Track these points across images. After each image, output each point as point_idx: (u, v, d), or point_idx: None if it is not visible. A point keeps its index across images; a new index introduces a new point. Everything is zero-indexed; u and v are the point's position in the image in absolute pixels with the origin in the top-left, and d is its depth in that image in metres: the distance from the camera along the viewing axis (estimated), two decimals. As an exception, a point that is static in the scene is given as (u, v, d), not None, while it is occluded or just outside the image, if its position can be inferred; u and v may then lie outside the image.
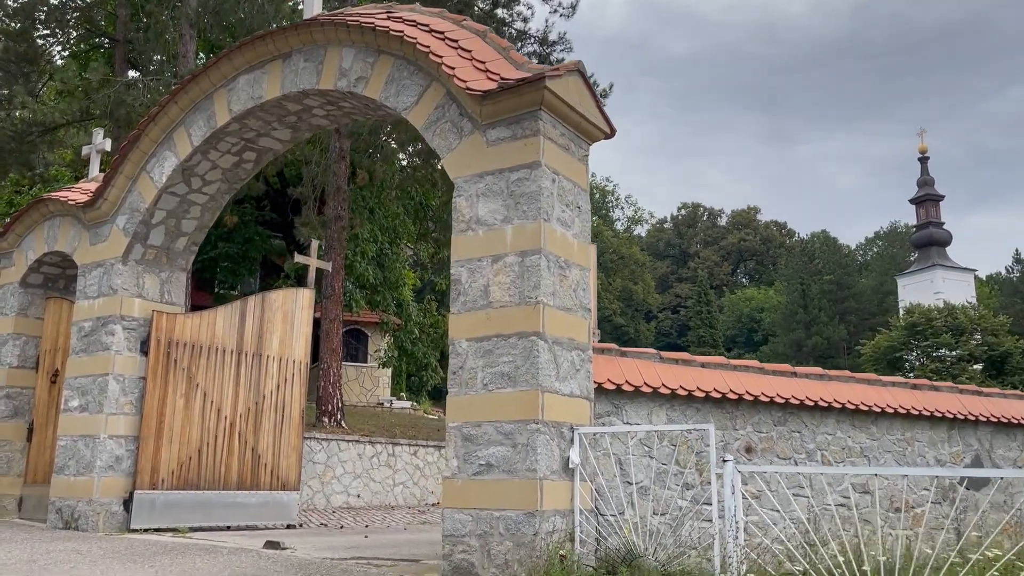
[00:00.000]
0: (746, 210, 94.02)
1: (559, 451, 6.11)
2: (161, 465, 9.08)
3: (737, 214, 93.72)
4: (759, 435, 7.58)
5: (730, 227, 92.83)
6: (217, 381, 9.73)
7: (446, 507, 6.20)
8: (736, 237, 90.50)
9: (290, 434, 10.49)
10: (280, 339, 10.52)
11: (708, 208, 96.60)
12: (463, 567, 5.97)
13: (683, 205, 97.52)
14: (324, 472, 14.00)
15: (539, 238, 6.20)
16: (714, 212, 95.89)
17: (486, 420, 6.13)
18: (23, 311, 10.39)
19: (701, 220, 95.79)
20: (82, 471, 8.75)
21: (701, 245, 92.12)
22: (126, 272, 9.16)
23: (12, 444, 10.10)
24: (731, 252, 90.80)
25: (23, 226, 10.41)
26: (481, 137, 6.61)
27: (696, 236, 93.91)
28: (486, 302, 6.35)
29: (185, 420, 9.35)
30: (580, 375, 6.49)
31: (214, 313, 9.89)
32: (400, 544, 8.80)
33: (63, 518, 8.77)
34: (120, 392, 8.90)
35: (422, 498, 15.81)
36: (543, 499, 5.83)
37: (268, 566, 6.29)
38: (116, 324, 8.98)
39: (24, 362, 10.31)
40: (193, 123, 8.75)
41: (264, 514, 10.06)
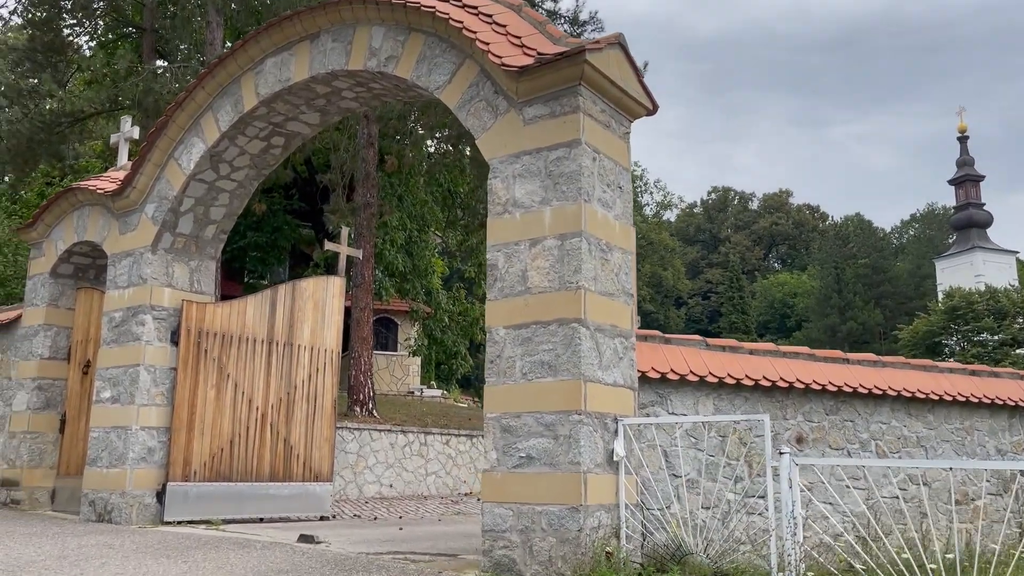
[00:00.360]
0: (778, 193, 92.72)
1: (603, 443, 5.83)
2: (193, 457, 8.95)
3: (769, 198, 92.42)
4: (810, 424, 7.24)
5: (762, 211, 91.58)
6: (248, 371, 9.57)
7: (485, 501, 5.96)
8: (768, 221, 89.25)
9: (322, 424, 10.32)
10: (311, 328, 10.34)
11: (739, 192, 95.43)
12: (504, 563, 5.73)
13: (713, 189, 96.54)
14: (356, 462, 13.86)
15: (579, 220, 5.91)
16: (745, 196, 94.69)
17: (526, 411, 5.87)
18: (54, 302, 10.31)
19: (732, 204, 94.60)
20: (115, 463, 8.64)
21: (732, 230, 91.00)
22: (155, 261, 9.02)
23: (44, 436, 10.05)
24: (763, 236, 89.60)
25: (52, 216, 10.31)
26: (517, 115, 6.32)
27: (727, 220, 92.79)
28: (524, 288, 6.08)
29: (216, 411, 9.21)
30: (623, 363, 6.20)
31: (244, 302, 9.73)
32: (436, 537, 8.59)
33: (96, 510, 8.67)
34: (151, 383, 8.77)
35: (455, 488, 15.64)
36: (587, 493, 5.57)
37: (303, 562, 6.10)
38: (146, 314, 8.85)
39: (56, 353, 10.24)
40: (220, 108, 8.55)
41: (297, 506, 9.92)
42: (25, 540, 6.77)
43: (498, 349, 6.13)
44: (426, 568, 6.00)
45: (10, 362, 10.55)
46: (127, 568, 5.58)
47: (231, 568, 5.71)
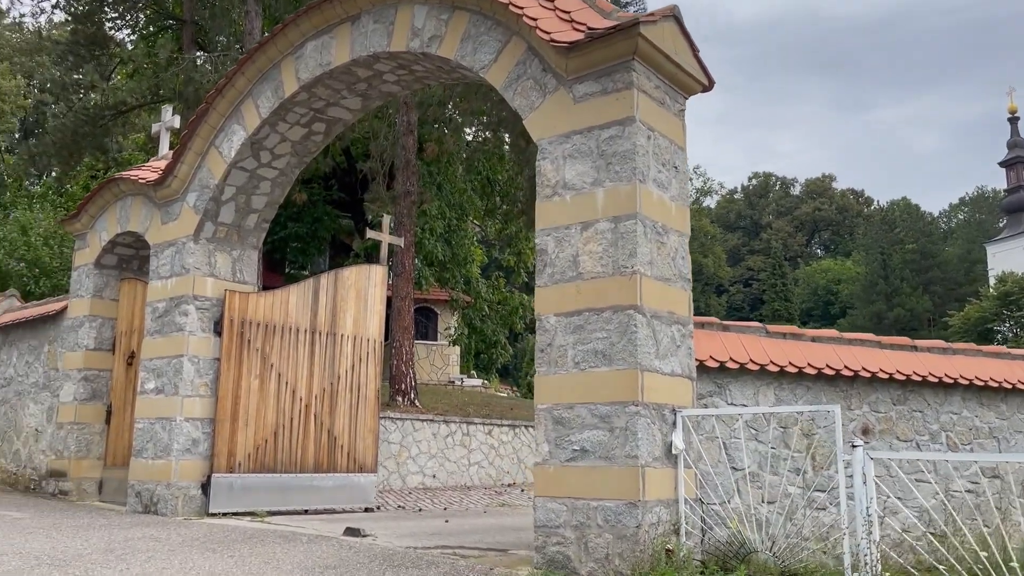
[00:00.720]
0: (820, 178, 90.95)
1: (661, 435, 5.57)
2: (237, 448, 8.86)
3: (811, 183, 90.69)
4: (876, 415, 6.89)
5: (804, 196, 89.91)
6: (291, 361, 9.46)
7: (538, 495, 5.74)
8: (810, 207, 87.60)
9: (366, 415, 10.18)
10: (354, 317, 10.20)
11: (780, 177, 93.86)
12: (558, 560, 5.51)
13: (754, 175, 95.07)
14: (399, 452, 13.75)
15: (634, 201, 5.63)
16: (787, 181, 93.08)
17: (579, 402, 5.63)
18: (98, 293, 10.29)
19: (773, 190, 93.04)
20: (160, 454, 8.58)
21: (774, 216, 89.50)
22: (198, 251, 8.92)
23: (91, 427, 10.05)
24: (805, 222, 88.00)
25: (96, 207, 10.29)
26: (567, 94, 6.05)
27: (768, 207, 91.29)
28: (575, 273, 5.82)
29: (260, 402, 9.11)
30: (681, 352, 5.92)
31: (287, 292, 9.61)
32: (483, 530, 8.41)
33: (142, 502, 8.63)
34: (195, 374, 8.69)
35: (498, 478, 15.47)
36: (645, 488, 5.31)
37: (350, 557, 5.94)
38: (189, 304, 8.76)
39: (101, 344, 10.23)
40: (261, 94, 8.40)
41: (341, 497, 9.80)
42: (72, 533, 6.71)
43: (549, 337, 5.89)
44: (476, 564, 5.80)
45: (57, 353, 10.57)
46: (173, 562, 5.47)
47: (277, 563, 5.57)
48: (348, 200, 24.11)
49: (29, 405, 10.90)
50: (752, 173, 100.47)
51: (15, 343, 11.48)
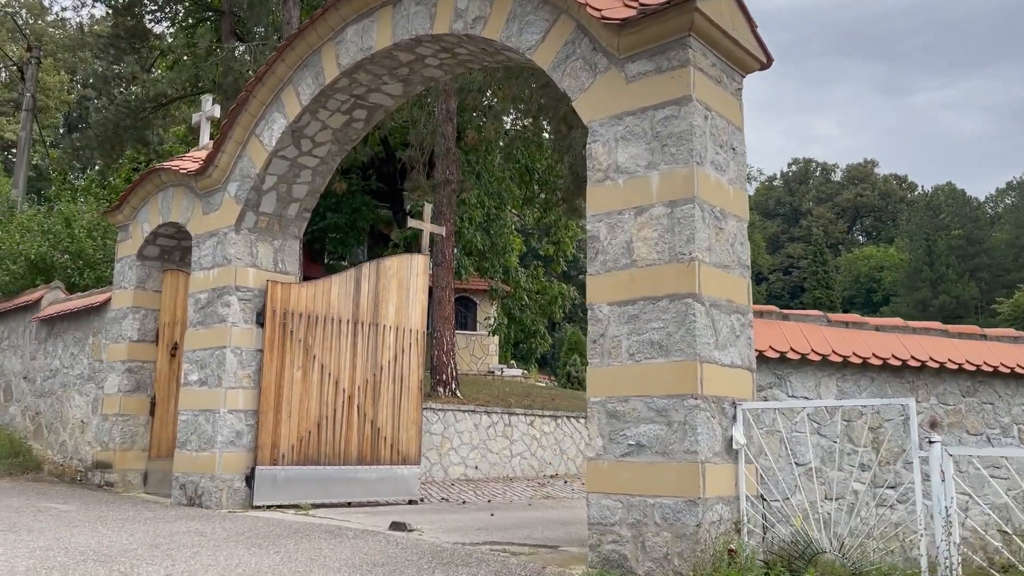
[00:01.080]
0: (862, 164, 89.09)
1: (720, 429, 5.32)
2: (281, 440, 8.78)
3: (852, 168, 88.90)
4: (945, 408, 6.56)
5: (845, 182, 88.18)
6: (334, 352, 9.35)
7: (591, 492, 5.53)
8: (852, 193, 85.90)
9: (409, 406, 10.05)
10: (396, 307, 10.06)
11: (821, 163, 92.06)
12: (613, 559, 5.29)
13: (793, 161, 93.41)
14: (441, 443, 13.63)
15: (691, 185, 5.37)
16: (827, 167, 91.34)
17: (634, 394, 5.40)
18: (141, 284, 10.28)
19: (814, 176, 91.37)
20: (204, 446, 8.53)
21: (814, 202, 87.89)
22: (239, 241, 8.83)
23: (136, 418, 10.05)
24: (847, 209, 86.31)
25: (138, 198, 10.26)
26: (619, 73, 5.79)
27: (808, 193, 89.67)
28: (629, 261, 5.58)
29: (303, 393, 9.01)
30: (740, 342, 5.66)
31: (328, 282, 9.49)
32: (530, 524, 8.22)
33: (187, 494, 8.59)
34: (238, 365, 8.61)
35: (540, 469, 15.29)
36: (705, 485, 5.07)
37: (397, 553, 5.79)
38: (231, 295, 8.68)
39: (144, 335, 10.22)
40: (301, 81, 8.26)
41: (384, 489, 9.69)
42: (118, 526, 6.66)
43: (601, 328, 5.66)
44: (528, 562, 5.61)
45: (101, 344, 10.59)
46: (219, 558, 5.36)
47: (324, 560, 5.44)
48: (386, 190, 24.03)
49: (74, 397, 10.94)
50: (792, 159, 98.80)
51: (60, 335, 11.54)
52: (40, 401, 11.71)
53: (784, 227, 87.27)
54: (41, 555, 5.26)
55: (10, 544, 5.60)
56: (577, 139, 14.50)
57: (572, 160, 15.93)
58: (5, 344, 13.02)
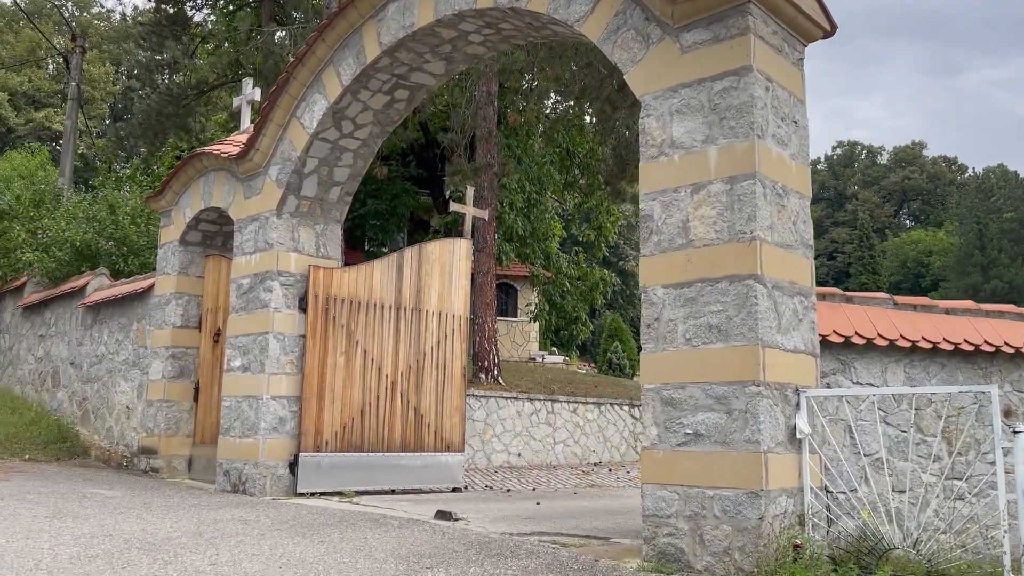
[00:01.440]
0: (910, 146, 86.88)
1: (783, 418, 5.04)
2: (324, 426, 8.68)
3: (900, 151, 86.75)
4: (1020, 395, 6.19)
5: (892, 165, 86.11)
6: (377, 338, 9.21)
7: (645, 482, 5.29)
8: (899, 176, 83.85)
9: (452, 393, 9.89)
10: (439, 293, 9.89)
11: (866, 146, 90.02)
12: (670, 553, 5.06)
13: (838, 144, 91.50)
14: (484, 430, 13.47)
15: (752, 159, 5.08)
16: (873, 150, 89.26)
17: (691, 381, 5.15)
18: (184, 270, 10.24)
19: (859, 159, 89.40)
20: (247, 433, 8.46)
21: (859, 186, 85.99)
22: (281, 225, 8.72)
23: (179, 404, 10.04)
24: (893, 192, 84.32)
25: (179, 183, 10.21)
26: (673, 43, 5.51)
27: (853, 176, 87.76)
28: (685, 241, 5.32)
29: (346, 379, 8.89)
30: (803, 326, 5.36)
31: (371, 266, 9.35)
32: (578, 514, 8.02)
33: (231, 481, 8.54)
34: (281, 351, 8.52)
35: (583, 457, 15.08)
36: (768, 476, 4.81)
37: (444, 544, 5.62)
38: (273, 280, 8.58)
39: (187, 321, 10.19)
40: (342, 61, 8.09)
41: (428, 476, 9.55)
42: (162, 513, 6.60)
43: (656, 311, 5.41)
44: (579, 554, 5.40)
45: (145, 331, 10.59)
46: (263, 547, 5.24)
47: (370, 550, 5.29)
48: (427, 177, 23.86)
49: (120, 382, 10.98)
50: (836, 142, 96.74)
51: (105, 321, 11.59)
52: (87, 387, 11.79)
53: (828, 212, 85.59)
54: (85, 542, 5.19)
55: (55, 531, 5.55)
56: (621, 120, 14.19)
57: (615, 142, 15.61)
58: (53, 330, 13.14)
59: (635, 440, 16.11)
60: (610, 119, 13.98)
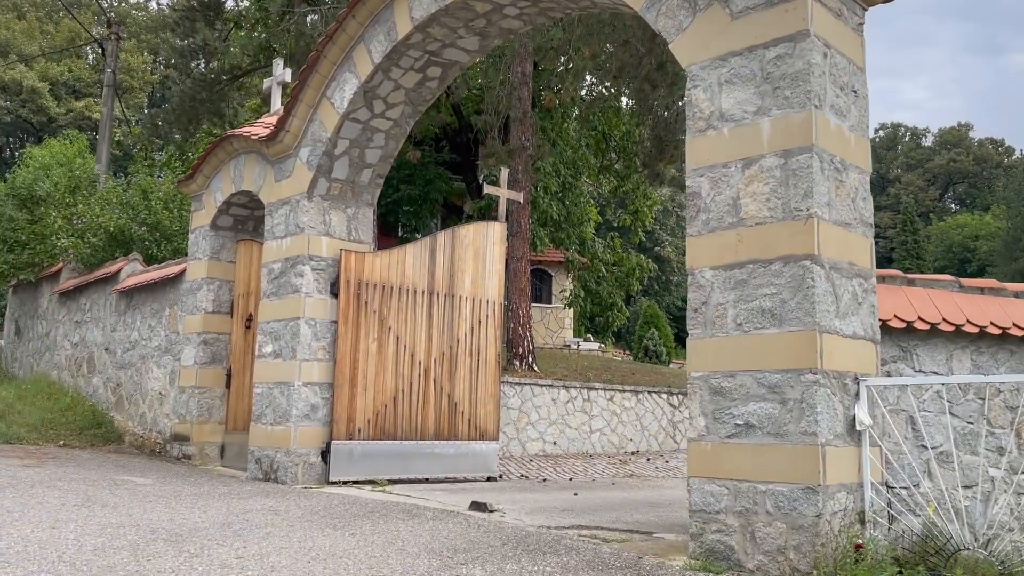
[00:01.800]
0: (956, 128, 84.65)
1: (842, 408, 4.71)
2: (357, 414, 8.49)
3: (945, 133, 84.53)
4: (1096, 385, 5.76)
5: (937, 147, 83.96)
6: (409, 324, 8.99)
7: (692, 476, 5.00)
8: (944, 158, 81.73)
9: (487, 380, 9.65)
10: (472, 278, 9.63)
11: (910, 128, 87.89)
12: (719, 551, 4.76)
13: (881, 126, 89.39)
14: (519, 418, 13.22)
15: (809, 131, 4.72)
16: (918, 132, 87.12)
17: (742, 369, 4.83)
18: (215, 255, 10.10)
19: (902, 141, 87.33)
20: (279, 420, 8.30)
21: (903, 169, 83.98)
22: (312, 209, 8.51)
23: (211, 391, 9.92)
24: (938, 175, 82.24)
25: (210, 167, 10.06)
26: (723, 9, 5.16)
27: (896, 160, 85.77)
28: (736, 219, 4.98)
29: (379, 366, 8.69)
30: (863, 310, 5.01)
31: (403, 251, 9.12)
32: (617, 505, 7.74)
33: (262, 468, 8.39)
34: (312, 337, 8.33)
35: (620, 446, 14.77)
36: (826, 470, 4.48)
37: (479, 538, 5.38)
38: (304, 265, 8.38)
39: (219, 307, 10.05)
40: (373, 38, 7.84)
41: (462, 465, 9.34)
42: (192, 502, 6.45)
43: (704, 295, 5.09)
44: (622, 550, 5.13)
45: (177, 316, 10.49)
46: (291, 540, 5.04)
47: (402, 544, 5.06)
48: (460, 162, 23.62)
49: (152, 368, 10.91)
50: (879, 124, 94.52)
51: (138, 306, 11.53)
52: (120, 373, 11.76)
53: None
54: (112, 533, 5.03)
55: (83, 520, 5.41)
56: (660, 100, 13.79)
57: (654, 123, 15.19)
58: (88, 316, 13.15)
59: (673, 429, 15.77)
60: (648, 98, 13.57)
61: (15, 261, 14.91)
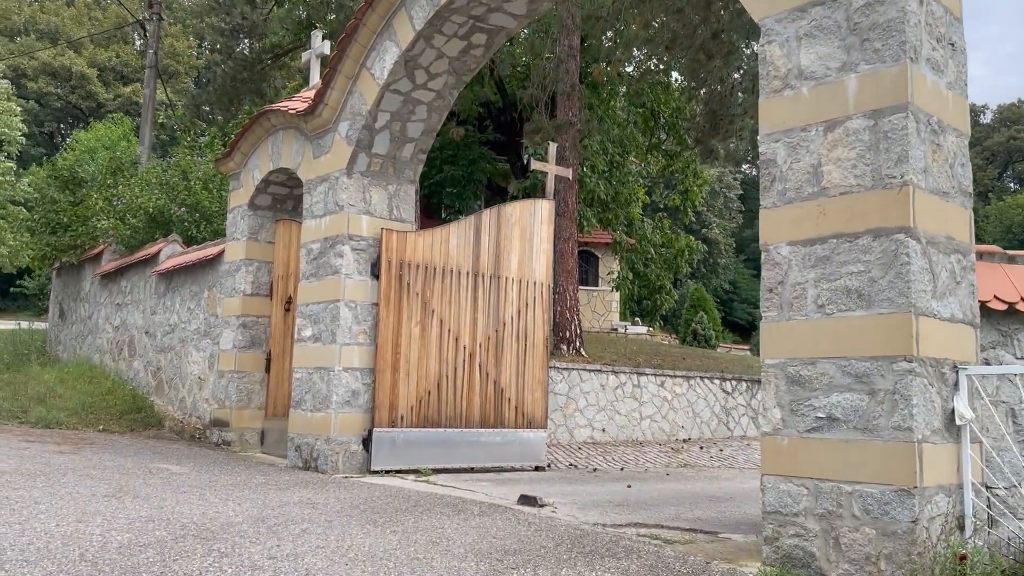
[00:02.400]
0: (1016, 104, 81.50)
1: (940, 400, 4.17)
2: (399, 400, 8.13)
3: (1004, 109, 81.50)
4: None
5: (996, 124, 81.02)
6: (454, 307, 8.60)
7: (767, 473, 4.51)
8: (1004, 136, 78.85)
9: (534, 365, 9.23)
10: (519, 258, 9.20)
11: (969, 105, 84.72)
12: (797, 557, 4.28)
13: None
14: (566, 404, 12.79)
15: (903, 88, 4.17)
16: (976, 108, 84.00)
17: (824, 356, 4.32)
18: (253, 235, 9.80)
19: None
20: (319, 406, 7.98)
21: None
22: (351, 186, 8.14)
23: (251, 375, 9.65)
24: (997, 153, 79.43)
25: (248, 144, 9.75)
26: (802, -47, 4.60)
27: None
28: (816, 189, 4.45)
29: (422, 351, 8.32)
30: (962, 290, 4.45)
31: (447, 230, 8.71)
32: (675, 499, 7.27)
33: (302, 456, 8.09)
34: (353, 320, 7.98)
35: (671, 433, 14.26)
36: (923, 470, 3.96)
37: (530, 537, 4.97)
38: (344, 245, 8.02)
39: (258, 289, 9.77)
40: (414, 3, 7.40)
41: (508, 454, 8.94)
42: (227, 494, 6.14)
43: (779, 273, 4.57)
44: (686, 553, 4.67)
45: (216, 299, 10.25)
46: (329, 538, 4.68)
47: (447, 543, 4.67)
48: (503, 141, 23.15)
49: (192, 352, 10.70)
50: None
51: (177, 289, 11.32)
52: (160, 356, 11.59)
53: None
54: (140, 528, 4.73)
55: (111, 513, 5.12)
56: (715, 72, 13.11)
57: (708, 96, 14.53)
58: (128, 299, 13.02)
59: (727, 416, 15.21)
60: (702, 70, 12.93)
61: (57, 243, 14.88)
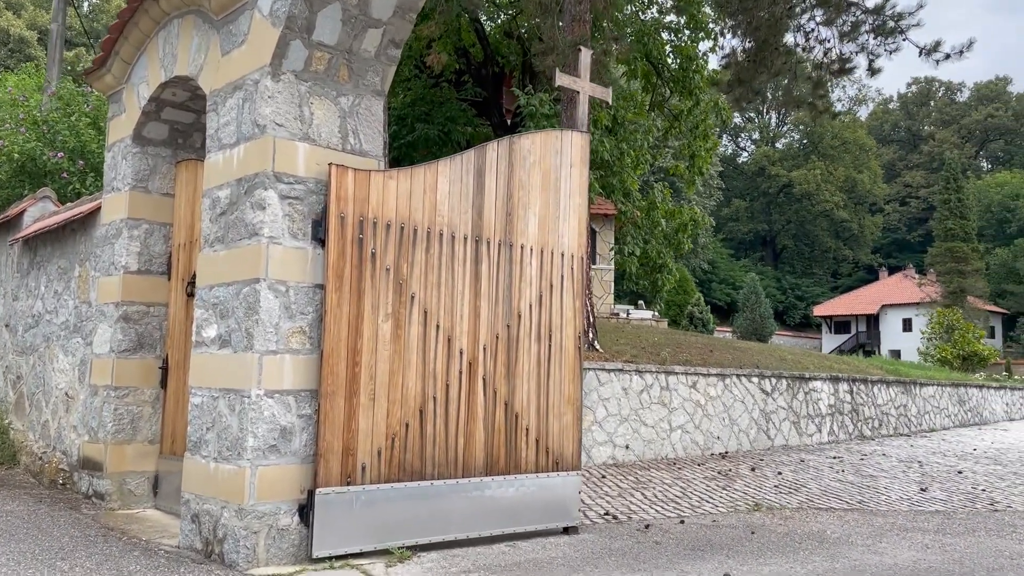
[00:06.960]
0: (993, 81, 79.86)
1: None
2: (359, 441, 5.04)
3: (982, 87, 79.84)
4: None
5: (973, 102, 79.27)
6: (444, 291, 5.51)
7: None
8: (981, 114, 77.18)
9: (562, 377, 6.19)
10: (540, 217, 6.13)
11: (945, 82, 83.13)
12: None
13: (913, 80, 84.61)
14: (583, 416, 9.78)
15: None
16: (952, 87, 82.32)
17: None
18: (141, 183, 6.56)
19: (936, 97, 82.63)
20: (226, 454, 4.86)
21: (936, 126, 79.55)
22: (280, 94, 4.98)
23: (138, 392, 6.44)
24: (974, 131, 77.80)
25: (130, 45, 6.49)
26: None
27: (929, 116, 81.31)
28: None
29: (395, 359, 5.22)
30: None
31: (433, 170, 5.59)
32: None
33: (201, 532, 4.97)
34: (282, 313, 4.86)
35: (705, 446, 11.36)
36: None
37: None
38: (268, 190, 4.88)
39: (148, 264, 6.56)
40: None
41: (527, 513, 5.90)
42: None
43: None
44: None
45: (89, 278, 7.00)
46: None
47: None
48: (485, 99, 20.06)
49: (58, 356, 7.41)
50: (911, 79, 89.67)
51: (43, 264, 8.01)
52: (22, 360, 8.28)
53: (901, 154, 79.74)
54: None
55: None
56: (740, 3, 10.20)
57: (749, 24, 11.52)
58: (-8, 279, 9.69)
59: (766, 421, 12.35)
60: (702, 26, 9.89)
61: None
